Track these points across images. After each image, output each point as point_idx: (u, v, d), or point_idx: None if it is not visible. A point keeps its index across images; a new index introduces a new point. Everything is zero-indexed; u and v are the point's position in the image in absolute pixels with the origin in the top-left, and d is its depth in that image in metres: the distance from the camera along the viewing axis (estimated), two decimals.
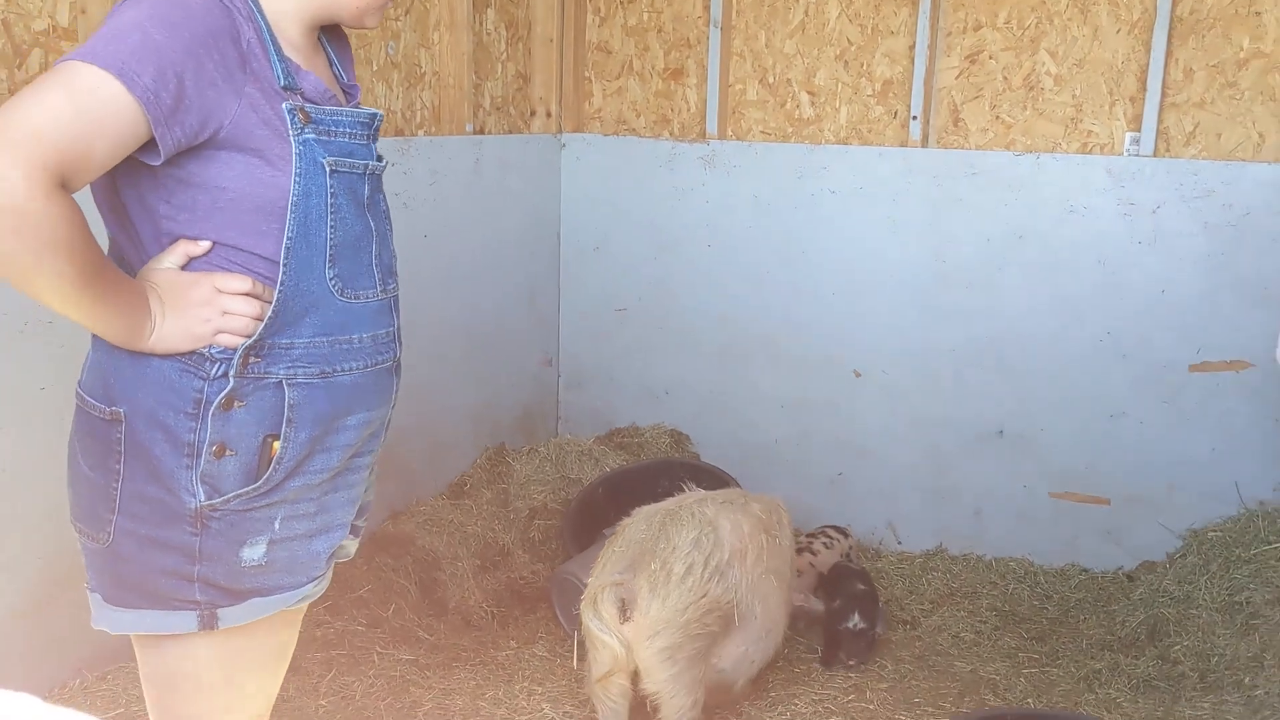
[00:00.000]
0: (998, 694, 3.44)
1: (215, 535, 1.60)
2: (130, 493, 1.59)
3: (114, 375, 1.59)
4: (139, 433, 1.58)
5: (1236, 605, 3.70)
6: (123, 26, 1.44)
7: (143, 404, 1.58)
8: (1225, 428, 4.06)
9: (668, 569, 2.76)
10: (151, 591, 1.61)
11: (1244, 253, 3.96)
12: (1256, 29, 3.95)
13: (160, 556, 1.60)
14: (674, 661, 2.76)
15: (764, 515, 3.09)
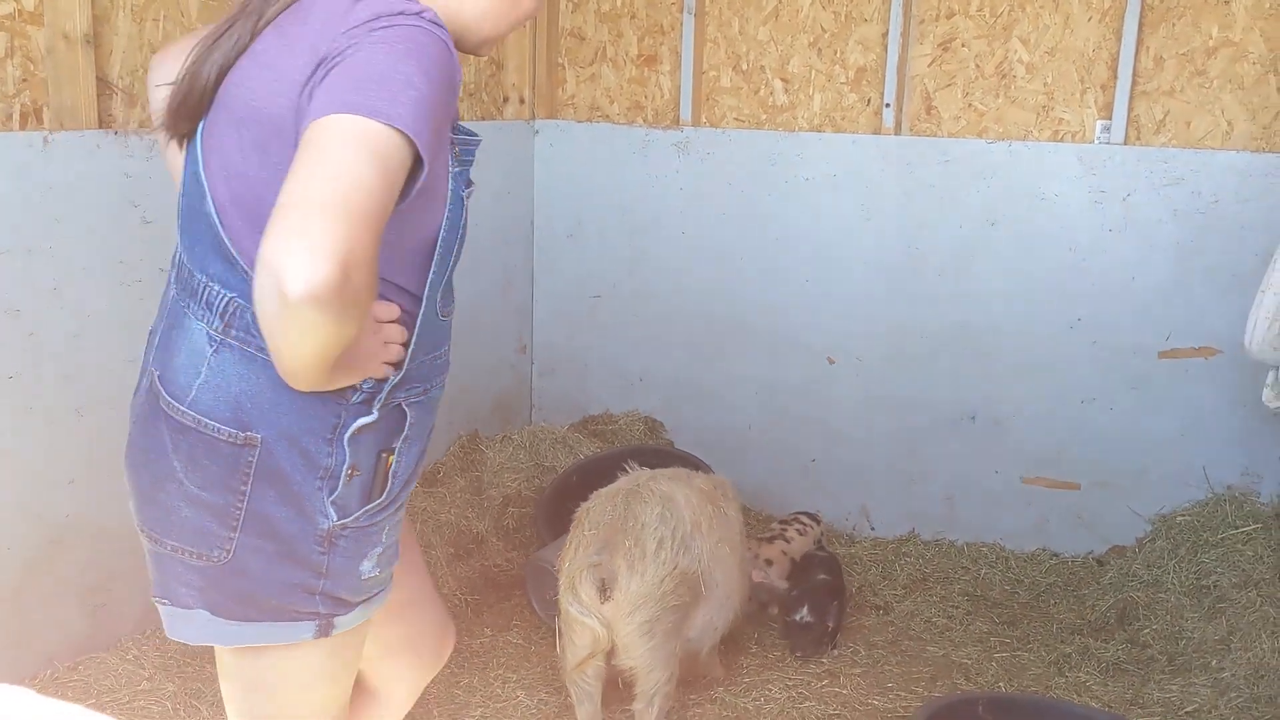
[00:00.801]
0: (969, 678, 3.47)
1: (341, 553, 1.64)
2: (256, 513, 1.59)
3: (250, 401, 1.57)
4: (275, 457, 1.58)
5: (1204, 589, 3.74)
6: (394, 77, 1.41)
7: (283, 430, 1.57)
8: (1194, 413, 4.10)
9: (641, 545, 2.82)
10: (274, 606, 1.63)
11: (1213, 240, 4.00)
12: (1225, 18, 3.98)
13: (287, 573, 1.61)
14: (652, 635, 2.81)
15: (707, 488, 3.15)
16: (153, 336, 1.72)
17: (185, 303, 1.62)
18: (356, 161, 1.34)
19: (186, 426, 1.59)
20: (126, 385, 3.08)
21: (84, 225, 2.94)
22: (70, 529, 2.99)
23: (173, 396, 1.60)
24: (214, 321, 1.58)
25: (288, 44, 1.55)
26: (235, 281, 1.57)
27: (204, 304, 1.59)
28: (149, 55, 3.20)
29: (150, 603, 3.20)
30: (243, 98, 1.57)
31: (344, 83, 1.41)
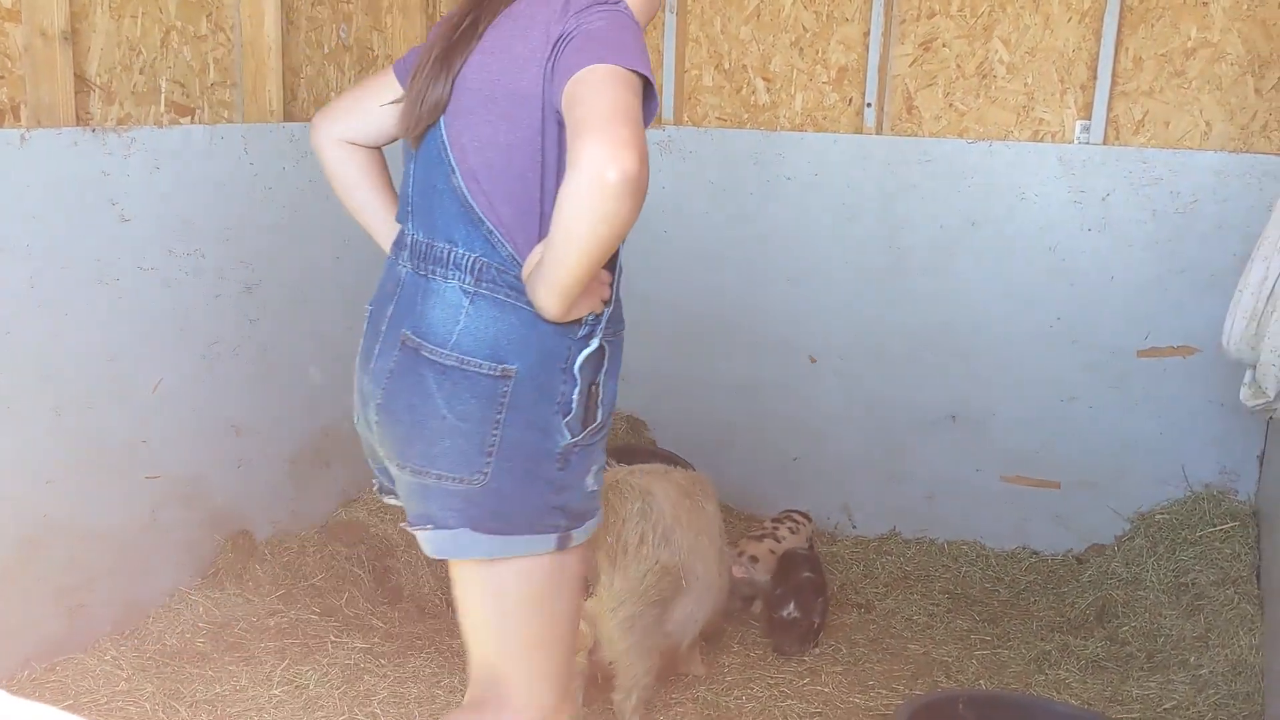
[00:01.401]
0: (950, 676, 3.48)
1: (572, 469, 1.91)
2: (509, 439, 1.86)
3: (505, 339, 1.86)
4: (524, 386, 1.86)
5: (1183, 586, 3.77)
6: (623, 40, 1.79)
7: (530, 362, 1.86)
8: (1172, 412, 4.13)
9: (623, 541, 2.82)
10: (524, 520, 1.89)
11: (1191, 240, 4.02)
12: (1204, 19, 4.00)
13: (533, 490, 1.88)
14: (633, 630, 2.82)
15: (684, 483, 3.16)
16: (379, 312, 2.01)
17: (428, 270, 1.92)
18: (625, 90, 1.71)
19: (450, 367, 1.86)
20: (104, 384, 3.07)
21: (61, 223, 2.91)
22: (47, 529, 2.97)
23: (435, 344, 1.88)
24: (465, 278, 1.88)
25: (518, 33, 1.86)
26: (479, 243, 1.88)
27: (452, 266, 1.89)
28: (127, 52, 3.18)
29: (129, 604, 3.18)
30: (487, 79, 1.88)
31: (591, 45, 1.76)
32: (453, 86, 1.92)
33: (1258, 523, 3.92)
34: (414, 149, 1.99)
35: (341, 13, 3.92)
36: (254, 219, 3.52)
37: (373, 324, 2.04)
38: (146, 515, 3.27)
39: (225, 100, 3.52)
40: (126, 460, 3.19)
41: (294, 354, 3.75)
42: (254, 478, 3.65)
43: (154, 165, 3.15)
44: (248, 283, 3.53)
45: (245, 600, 3.42)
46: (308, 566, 3.63)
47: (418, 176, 1.98)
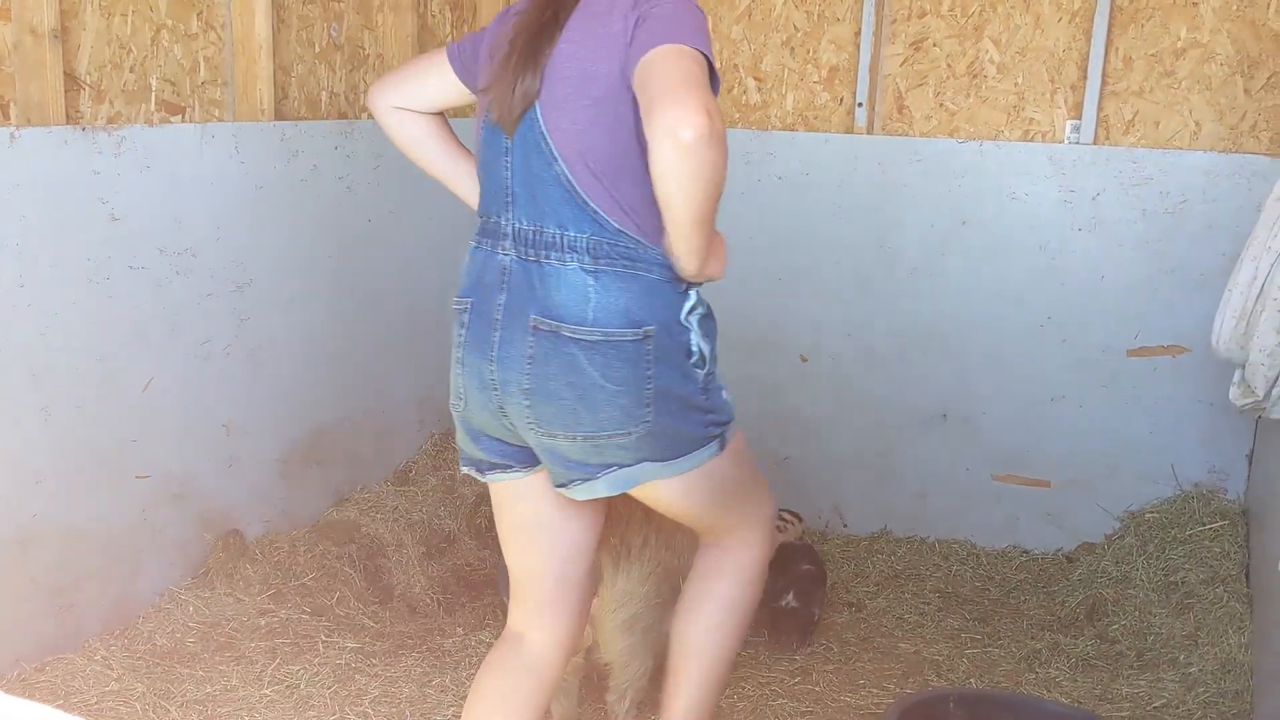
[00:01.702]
0: (941, 674, 3.49)
1: (711, 393, 2.21)
2: (660, 388, 2.10)
3: (635, 305, 2.06)
4: (660, 341, 2.09)
5: (1172, 585, 3.78)
6: (686, 23, 1.96)
7: (660, 320, 2.08)
8: (1162, 412, 4.14)
9: (627, 543, 2.81)
10: (689, 442, 2.18)
11: (1181, 239, 4.04)
12: (1194, 19, 4.01)
13: (690, 419, 2.17)
14: (633, 631, 2.81)
15: None
16: (484, 303, 2.13)
17: (539, 255, 2.06)
18: (689, 62, 1.90)
19: (596, 342, 2.04)
20: (94, 383, 3.06)
21: (51, 222, 2.91)
22: (37, 529, 2.96)
23: (574, 323, 2.04)
24: (583, 259, 2.03)
25: (599, 22, 2.01)
26: (586, 223, 2.03)
27: (567, 249, 2.04)
28: (117, 50, 3.17)
29: (119, 603, 3.18)
30: (575, 69, 2.02)
31: (658, 27, 1.93)
32: (542, 77, 2.04)
33: (1247, 522, 3.93)
34: (509, 139, 2.10)
35: (333, 11, 3.91)
36: (245, 218, 3.51)
37: (479, 315, 2.14)
38: (137, 515, 3.27)
39: (216, 99, 3.51)
40: (117, 459, 3.18)
41: (285, 353, 3.74)
42: (245, 477, 3.64)
43: (144, 164, 3.15)
44: (239, 282, 3.52)
45: (236, 600, 3.41)
46: (299, 566, 3.62)
47: (516, 166, 2.09)
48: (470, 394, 2.18)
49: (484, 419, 2.19)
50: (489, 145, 2.15)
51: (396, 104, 2.35)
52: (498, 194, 2.14)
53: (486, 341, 2.12)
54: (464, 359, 2.17)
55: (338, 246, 3.92)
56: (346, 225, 3.96)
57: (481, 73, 2.21)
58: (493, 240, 2.15)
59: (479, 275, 2.17)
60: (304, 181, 3.73)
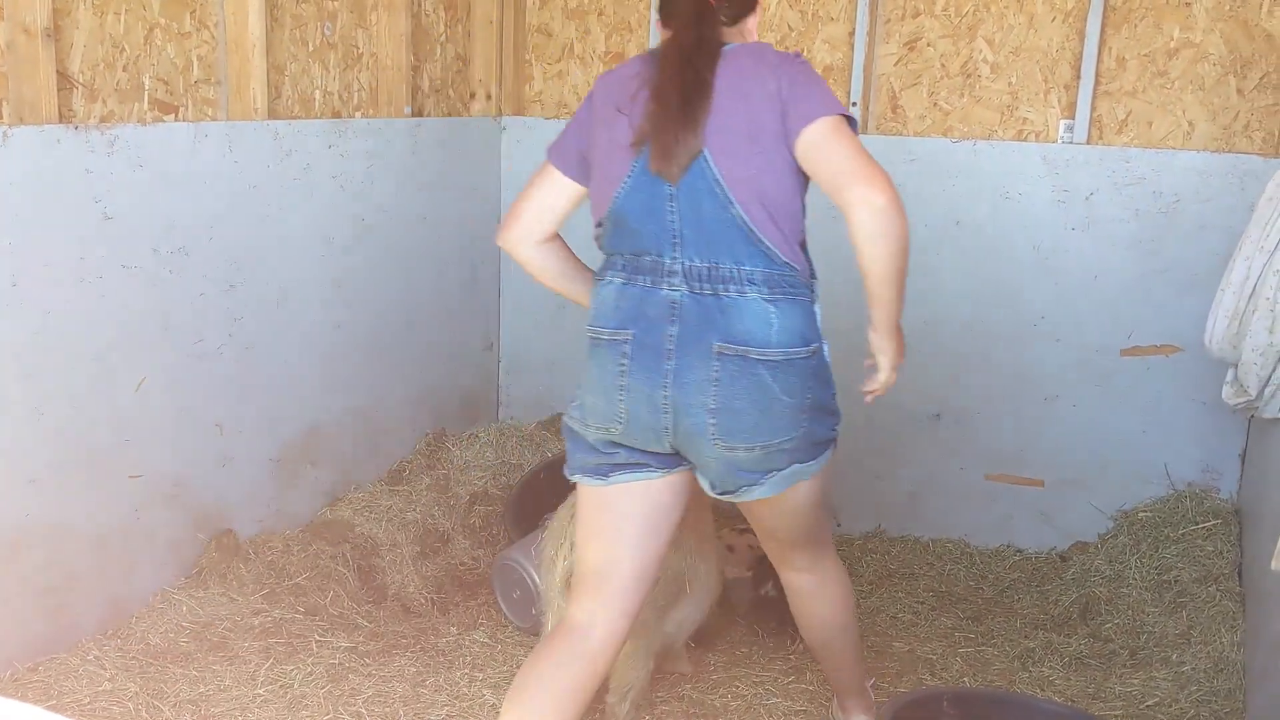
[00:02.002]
0: (934, 673, 3.49)
1: (834, 397, 2.47)
2: (814, 397, 2.37)
3: (805, 325, 2.36)
4: (819, 355, 2.40)
5: (1165, 584, 3.79)
6: (825, 88, 2.32)
7: (818, 335, 2.40)
8: (1155, 411, 4.15)
9: None
10: (824, 442, 2.45)
11: (1174, 239, 4.04)
12: (1187, 19, 4.02)
13: (827, 421, 2.44)
14: (638, 635, 2.81)
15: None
16: (650, 336, 2.31)
17: (715, 289, 2.29)
18: (849, 134, 2.28)
19: (779, 361, 2.30)
20: (87, 383, 3.06)
21: (44, 221, 2.90)
22: (30, 529, 2.96)
23: (760, 346, 2.29)
24: (761, 290, 2.29)
25: (751, 82, 2.27)
26: (760, 259, 2.29)
27: (745, 282, 2.29)
28: (110, 49, 3.17)
29: (112, 603, 3.17)
30: (742, 123, 2.26)
31: (808, 94, 2.27)
32: (705, 131, 2.26)
33: (1239, 520, 3.94)
34: (673, 186, 2.29)
35: (326, 10, 3.91)
36: (238, 217, 3.51)
37: (644, 346, 2.32)
38: (130, 514, 3.26)
39: (209, 98, 3.51)
40: (109, 459, 3.17)
41: (279, 353, 3.74)
42: (238, 477, 3.64)
43: (137, 163, 3.14)
44: (232, 281, 3.51)
45: (229, 599, 3.41)
46: (292, 566, 3.62)
47: (684, 210, 2.29)
48: (636, 418, 2.34)
49: (645, 438, 2.36)
50: (642, 193, 2.32)
51: (534, 239, 2.52)
52: (660, 236, 2.31)
53: (658, 370, 2.30)
54: (629, 385, 2.32)
55: (331, 245, 3.91)
56: (340, 224, 3.95)
57: (598, 149, 2.40)
58: (653, 277, 2.33)
59: (638, 309, 2.33)
60: (297, 180, 3.73)
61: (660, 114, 2.27)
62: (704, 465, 2.39)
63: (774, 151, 2.27)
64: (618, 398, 2.34)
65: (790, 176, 2.30)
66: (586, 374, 2.41)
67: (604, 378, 2.36)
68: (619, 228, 2.37)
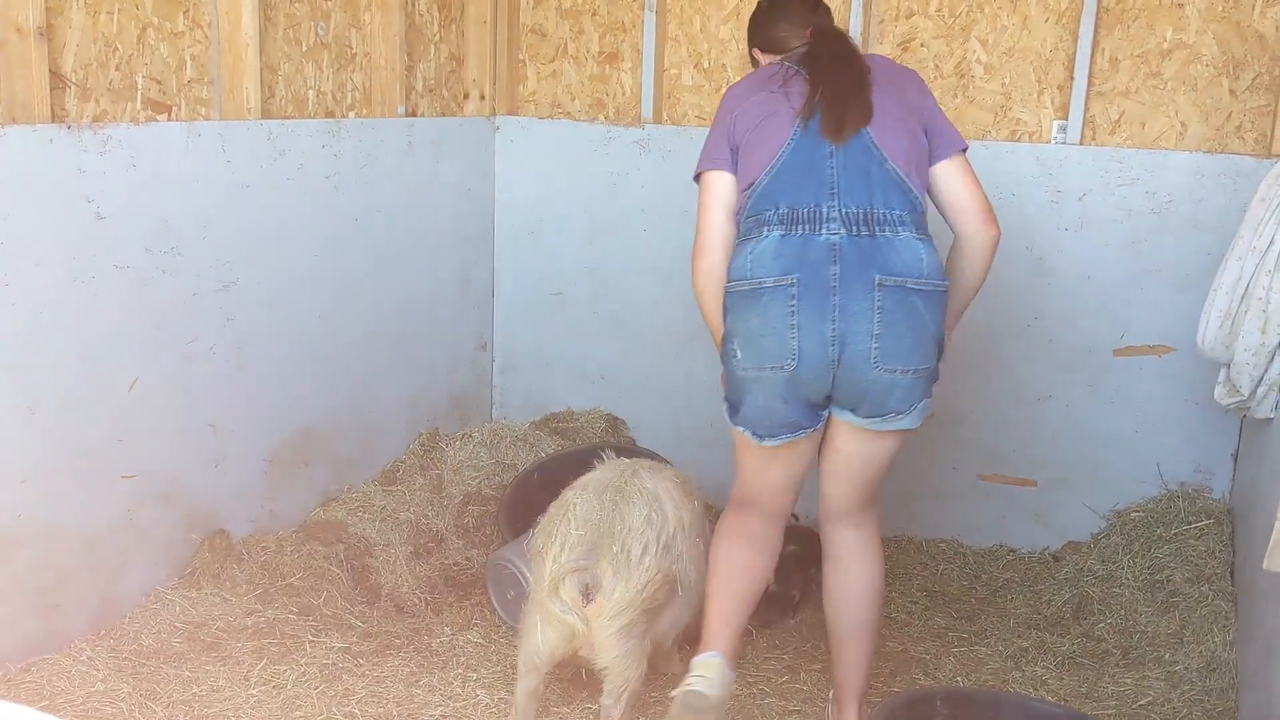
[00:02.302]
0: (928, 673, 3.50)
1: None
2: (941, 333, 2.76)
3: (939, 263, 2.73)
4: (947, 292, 2.77)
5: (1158, 583, 3.80)
6: (949, 121, 2.90)
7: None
8: (1148, 411, 4.16)
9: (627, 551, 2.84)
10: (934, 383, 2.82)
11: (1166, 239, 4.05)
12: (1179, 20, 4.03)
13: (938, 362, 2.79)
14: (629, 638, 2.83)
15: (679, 478, 3.19)
16: (816, 275, 2.64)
17: (873, 230, 2.67)
18: (974, 172, 2.85)
19: (929, 291, 2.68)
20: (80, 383, 3.05)
21: (36, 220, 2.89)
22: (21, 529, 2.95)
23: (915, 277, 2.66)
24: (911, 229, 2.69)
25: (898, 94, 2.81)
26: (907, 206, 2.71)
27: (898, 223, 2.68)
28: (103, 49, 3.16)
29: (105, 603, 3.16)
30: (897, 108, 2.78)
31: (947, 126, 2.86)
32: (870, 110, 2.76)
33: (1232, 520, 3.95)
34: (833, 146, 2.73)
35: (320, 10, 3.90)
36: (231, 217, 3.50)
37: (810, 286, 2.65)
38: (123, 515, 3.25)
39: (202, 97, 3.50)
40: (102, 459, 3.17)
41: (272, 352, 3.73)
42: (231, 477, 3.63)
43: (130, 163, 3.13)
44: (225, 281, 3.51)
45: (222, 600, 3.40)
46: (285, 566, 3.61)
47: (842, 167, 2.72)
48: (806, 352, 2.66)
49: (812, 374, 2.67)
50: (804, 153, 2.73)
51: (723, 265, 2.84)
52: (819, 188, 2.70)
53: (825, 305, 2.64)
54: (800, 324, 2.65)
55: (324, 245, 3.91)
56: (333, 224, 3.95)
57: (750, 130, 2.81)
58: (811, 225, 2.68)
59: (799, 255, 2.66)
60: (290, 180, 3.72)
61: (831, 93, 2.76)
62: (861, 393, 2.70)
63: (917, 132, 2.78)
64: (789, 336, 2.65)
65: (924, 154, 2.79)
66: (743, 323, 2.72)
67: (773, 320, 2.67)
68: (778, 182, 2.72)
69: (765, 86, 2.84)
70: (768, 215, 2.71)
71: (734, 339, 2.75)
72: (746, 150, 2.80)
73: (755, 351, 2.70)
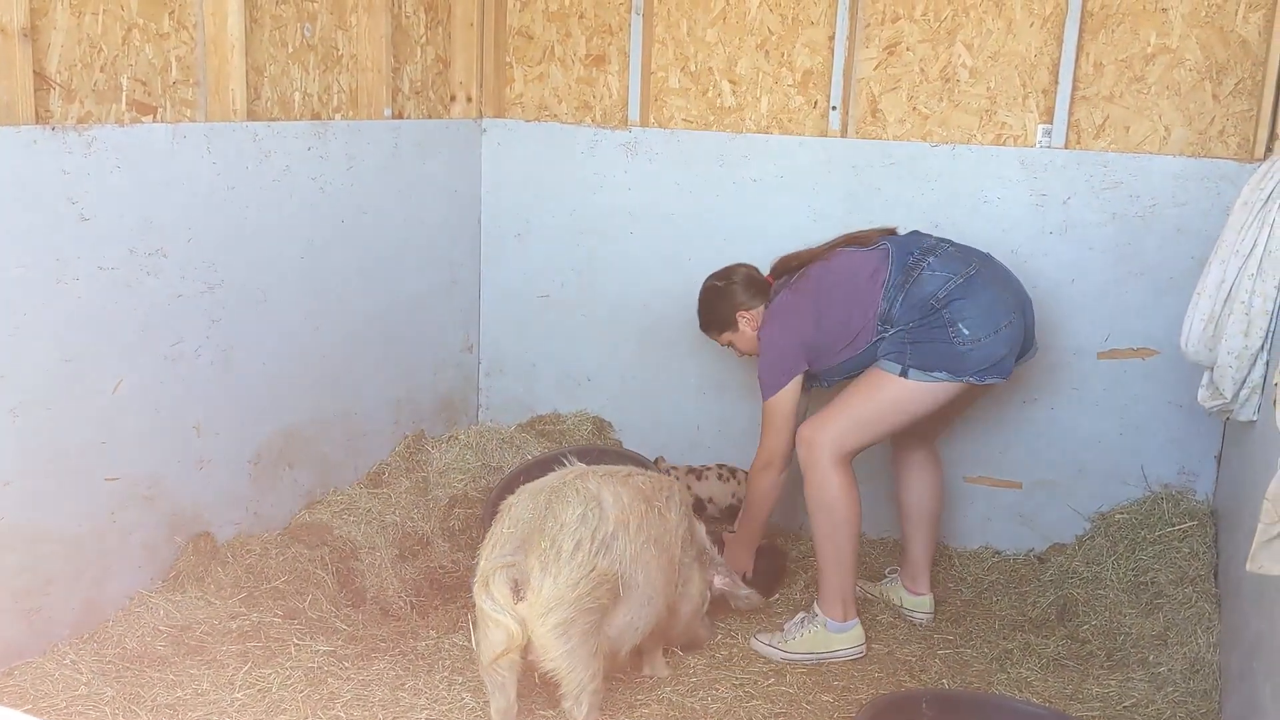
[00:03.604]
0: (913, 675, 3.51)
1: None
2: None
3: None
4: None
5: (1142, 585, 3.81)
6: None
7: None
8: (1132, 413, 4.18)
9: (557, 546, 2.80)
10: None
11: (1150, 243, 4.07)
12: (1163, 25, 4.05)
13: None
14: (568, 637, 2.79)
15: (646, 486, 3.14)
16: (991, 272, 3.53)
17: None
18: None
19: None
20: (64, 385, 3.04)
21: (20, 222, 2.88)
22: (5, 532, 2.93)
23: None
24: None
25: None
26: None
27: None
28: (88, 50, 3.15)
29: (88, 607, 3.14)
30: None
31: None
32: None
33: (1215, 522, 3.97)
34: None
35: (306, 11, 3.89)
36: (216, 218, 3.49)
37: (998, 282, 3.53)
38: (106, 517, 3.24)
39: (188, 99, 3.49)
40: (86, 461, 3.15)
41: (256, 354, 3.72)
42: (216, 479, 3.62)
43: (115, 164, 3.12)
44: (210, 282, 3.50)
45: (206, 603, 3.39)
46: (270, 569, 3.60)
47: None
48: (1015, 330, 3.50)
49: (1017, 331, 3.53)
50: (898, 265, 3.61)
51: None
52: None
53: (1014, 297, 3.54)
54: (1013, 308, 3.53)
55: (310, 247, 3.90)
56: (319, 226, 3.94)
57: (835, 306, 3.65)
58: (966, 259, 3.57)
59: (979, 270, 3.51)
60: (276, 182, 3.71)
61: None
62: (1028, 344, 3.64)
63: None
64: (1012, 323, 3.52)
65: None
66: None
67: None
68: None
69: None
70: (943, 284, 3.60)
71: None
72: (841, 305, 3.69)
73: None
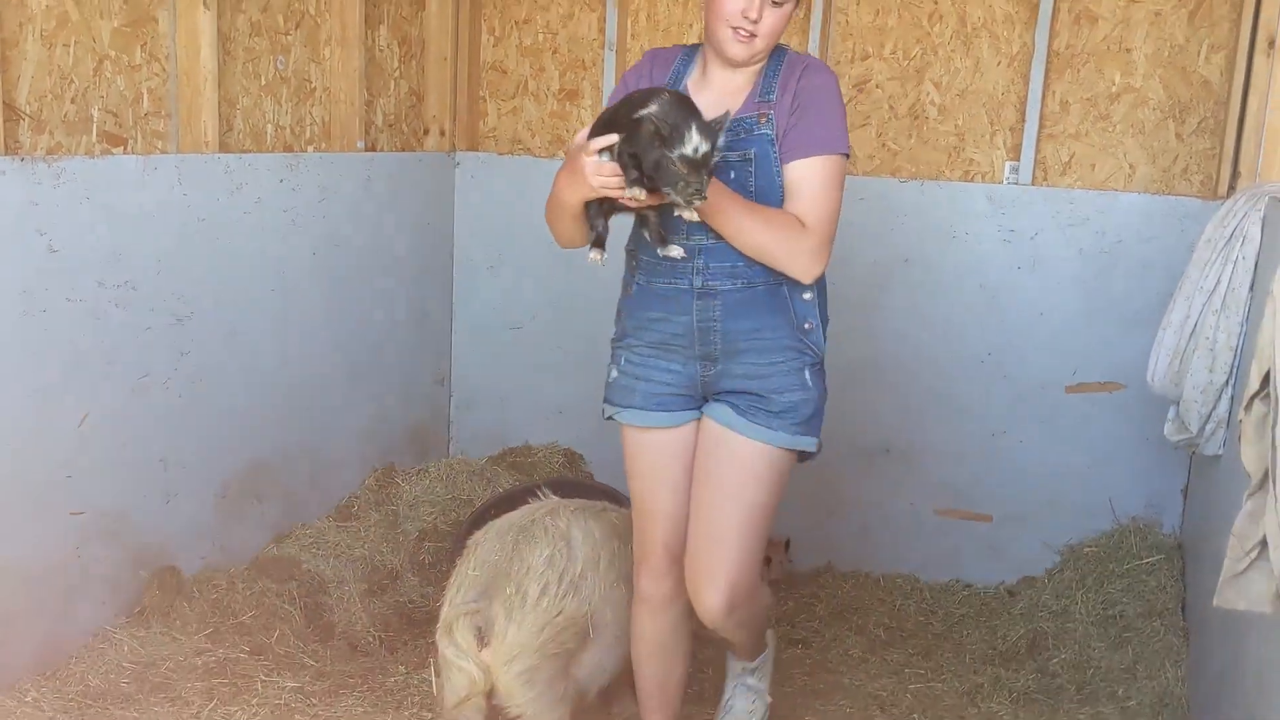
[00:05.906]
0: (885, 709, 3.50)
1: None
2: None
3: None
4: None
5: (1111, 618, 3.83)
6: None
7: None
8: (1100, 446, 4.21)
9: (523, 592, 2.71)
10: None
11: (1116, 278, 4.12)
12: (1127, 65, 4.12)
13: None
14: (534, 684, 2.71)
15: (619, 523, 3.06)
16: None
17: None
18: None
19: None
20: (29, 417, 3.00)
21: None
22: None
23: None
24: None
25: None
26: None
27: None
28: (58, 81, 3.14)
29: (51, 643, 3.09)
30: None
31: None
32: None
33: (1182, 555, 4.00)
34: None
35: (279, 44, 3.90)
36: (186, 251, 3.48)
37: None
38: (69, 551, 3.20)
39: (159, 130, 3.48)
40: (50, 495, 3.11)
41: (225, 387, 3.69)
42: (182, 512, 3.58)
43: (84, 195, 3.10)
44: (179, 314, 3.48)
45: (172, 639, 3.34)
46: (237, 603, 3.56)
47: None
48: None
49: None
50: None
51: None
52: None
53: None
54: None
55: (281, 280, 3.89)
56: (290, 258, 3.93)
57: None
58: None
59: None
60: (247, 214, 3.70)
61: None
62: None
63: None
64: None
65: None
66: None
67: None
68: None
69: None
70: None
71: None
72: None
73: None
